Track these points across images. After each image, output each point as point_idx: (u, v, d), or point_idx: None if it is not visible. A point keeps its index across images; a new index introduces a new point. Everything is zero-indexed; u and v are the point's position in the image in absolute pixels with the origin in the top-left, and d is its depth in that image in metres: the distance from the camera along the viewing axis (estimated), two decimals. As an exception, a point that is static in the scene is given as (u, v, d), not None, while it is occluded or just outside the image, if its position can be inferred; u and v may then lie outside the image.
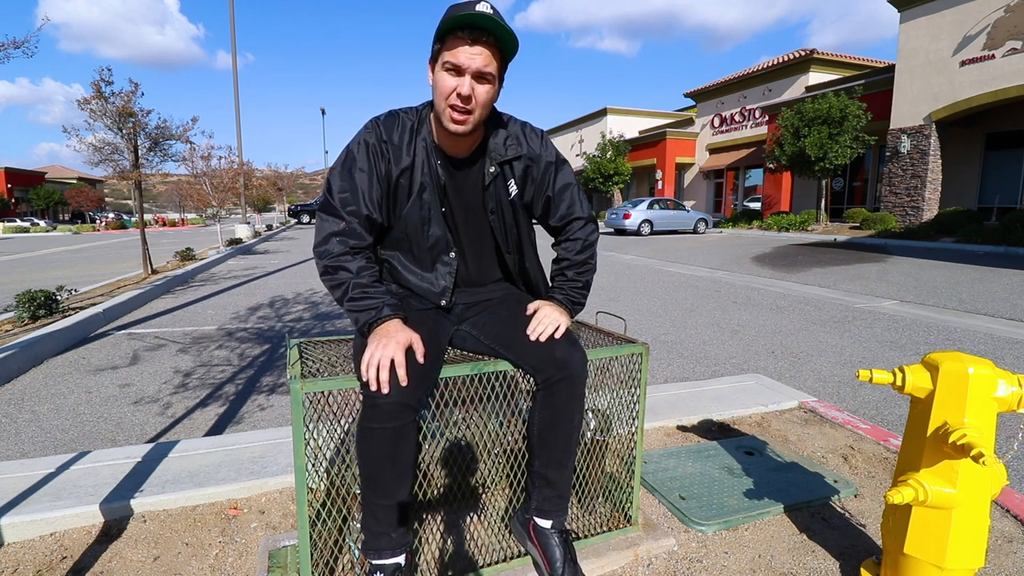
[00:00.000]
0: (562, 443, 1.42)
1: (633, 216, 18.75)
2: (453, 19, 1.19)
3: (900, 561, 1.34)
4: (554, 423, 1.39)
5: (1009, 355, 4.07)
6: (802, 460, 2.19)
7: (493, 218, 1.44)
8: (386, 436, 1.22)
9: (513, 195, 1.44)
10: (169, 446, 2.25)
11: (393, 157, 1.36)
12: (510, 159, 1.41)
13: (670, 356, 4.14)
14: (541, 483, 1.44)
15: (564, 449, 1.42)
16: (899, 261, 9.92)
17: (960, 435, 1.16)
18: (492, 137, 1.41)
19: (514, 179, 1.43)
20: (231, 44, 17.60)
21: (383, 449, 1.23)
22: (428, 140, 1.38)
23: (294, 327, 5.13)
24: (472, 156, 1.41)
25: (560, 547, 1.41)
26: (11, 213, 41.00)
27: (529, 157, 1.44)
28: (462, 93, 1.23)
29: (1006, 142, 15.12)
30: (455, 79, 1.24)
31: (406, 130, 1.37)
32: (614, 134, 30.29)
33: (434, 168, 1.38)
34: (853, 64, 21.86)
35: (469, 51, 1.21)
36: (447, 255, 1.46)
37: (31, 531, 1.72)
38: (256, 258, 12.22)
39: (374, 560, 1.30)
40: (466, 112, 1.26)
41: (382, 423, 1.20)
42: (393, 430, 1.21)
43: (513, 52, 1.29)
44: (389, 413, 1.20)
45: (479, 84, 1.25)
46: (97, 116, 7.55)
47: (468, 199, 1.44)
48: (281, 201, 37.85)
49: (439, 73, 1.26)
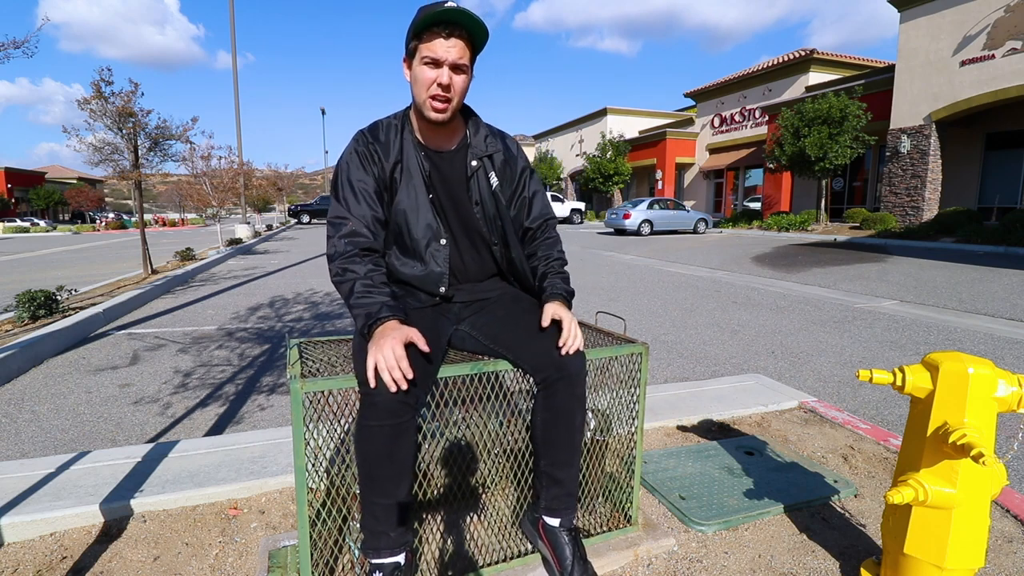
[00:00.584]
0: (565, 442, 1.43)
1: (633, 216, 18.75)
2: (429, 16, 1.29)
3: (900, 561, 1.34)
4: (556, 423, 1.40)
5: (1009, 355, 4.08)
6: (802, 460, 2.19)
7: (477, 209, 1.51)
8: (384, 434, 1.22)
9: (495, 187, 1.52)
10: (169, 446, 2.25)
11: (383, 155, 1.44)
12: (490, 153, 1.52)
13: (670, 356, 4.14)
14: (548, 482, 1.45)
15: (568, 448, 1.44)
16: (899, 261, 9.92)
17: (960, 435, 1.16)
18: (472, 135, 1.52)
19: (494, 171, 1.53)
20: (231, 44, 17.60)
21: (382, 447, 1.23)
22: (412, 137, 1.47)
23: (294, 327, 5.13)
24: (454, 151, 1.51)
25: (570, 545, 1.42)
26: (11, 213, 41.00)
27: (505, 156, 1.55)
28: (442, 83, 1.34)
29: (1006, 142, 15.12)
30: (434, 71, 1.34)
31: (391, 130, 1.47)
32: (614, 134, 30.31)
33: (420, 161, 1.47)
34: (853, 64, 21.87)
35: (445, 44, 1.32)
36: (438, 242, 1.49)
37: (31, 531, 1.72)
38: (256, 258, 12.22)
39: (373, 559, 1.30)
40: (446, 100, 1.37)
41: (380, 420, 1.21)
42: (392, 427, 1.22)
43: (483, 43, 1.39)
44: (388, 410, 1.20)
45: (456, 75, 1.35)
46: (97, 116, 7.54)
47: (453, 190, 1.51)
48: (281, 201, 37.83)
49: (418, 67, 1.35)
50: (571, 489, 1.47)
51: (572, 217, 27.73)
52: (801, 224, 17.60)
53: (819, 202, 17.70)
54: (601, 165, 28.75)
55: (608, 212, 20.27)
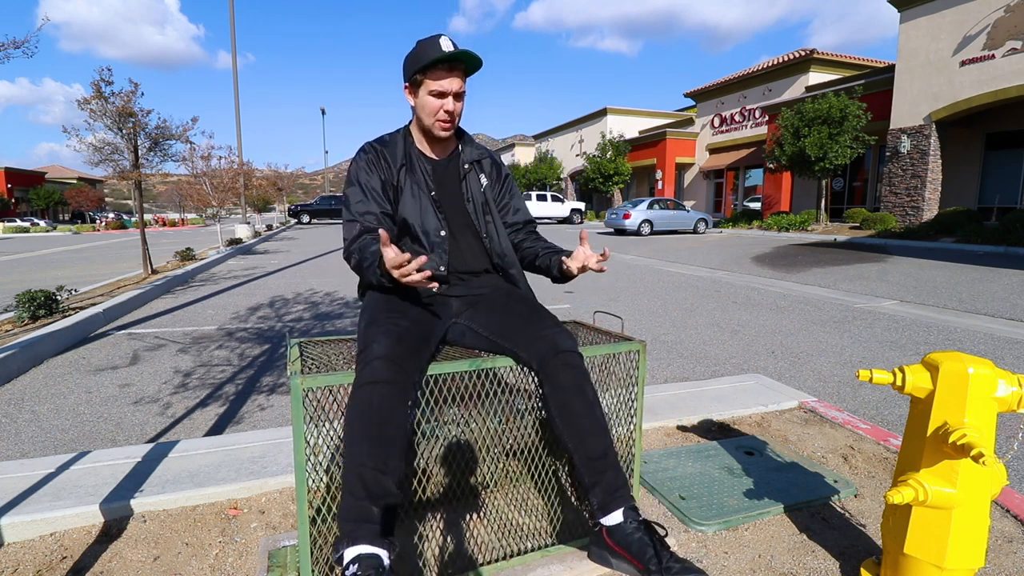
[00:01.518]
0: (586, 417, 1.37)
1: (633, 216, 18.75)
2: (436, 59, 1.49)
3: (900, 561, 1.34)
4: (570, 401, 1.38)
5: (1009, 355, 4.08)
6: (802, 460, 2.19)
7: (470, 206, 1.69)
8: (379, 393, 1.23)
9: (484, 186, 1.73)
10: (169, 446, 2.25)
11: (391, 159, 1.63)
12: (479, 159, 1.76)
13: (670, 356, 4.14)
14: (589, 474, 1.37)
15: (591, 422, 1.37)
16: (899, 261, 9.92)
17: (960, 435, 1.16)
18: (464, 147, 1.76)
19: (484, 174, 1.75)
20: (231, 44, 17.60)
21: (374, 406, 1.22)
22: (414, 148, 1.68)
23: (294, 327, 5.13)
24: (448, 159, 1.73)
25: (644, 535, 1.30)
26: (11, 213, 40.99)
27: (492, 160, 1.80)
28: (448, 110, 1.58)
29: (1006, 142, 15.12)
30: (440, 100, 1.57)
31: (396, 140, 1.68)
32: (614, 134, 30.31)
33: (422, 166, 1.67)
34: (853, 64, 21.86)
35: (448, 79, 1.54)
36: (438, 235, 1.64)
37: (31, 531, 1.72)
38: (256, 258, 12.22)
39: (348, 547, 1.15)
40: (450, 121, 1.61)
41: (375, 378, 1.24)
42: (387, 387, 1.23)
43: (475, 71, 1.62)
44: (384, 370, 1.24)
45: (457, 101, 1.59)
46: (97, 116, 7.54)
47: (449, 191, 1.70)
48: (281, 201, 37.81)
49: (425, 97, 1.57)
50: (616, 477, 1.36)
51: (572, 217, 27.71)
52: (801, 224, 17.59)
53: (819, 202, 17.70)
54: (601, 165, 28.74)
55: (608, 212, 20.27)
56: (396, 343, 1.30)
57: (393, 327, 1.35)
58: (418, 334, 1.39)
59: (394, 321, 1.38)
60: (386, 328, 1.34)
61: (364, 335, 1.36)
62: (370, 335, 1.33)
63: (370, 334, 1.34)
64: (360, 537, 1.17)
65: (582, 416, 1.38)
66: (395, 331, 1.34)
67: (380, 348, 1.28)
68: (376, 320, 1.39)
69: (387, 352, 1.27)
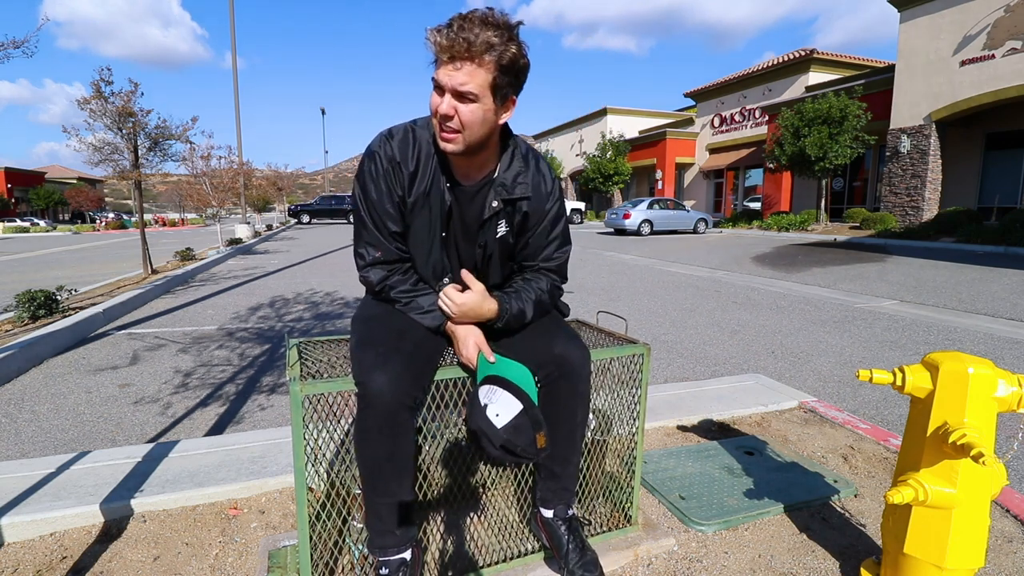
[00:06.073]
0: (565, 439, 1.44)
1: (633, 216, 18.75)
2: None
3: (900, 561, 1.34)
4: (556, 420, 1.40)
5: (1009, 355, 4.07)
6: (802, 460, 2.19)
7: (479, 252, 1.44)
8: (383, 435, 1.23)
9: (501, 234, 1.42)
10: (169, 446, 2.25)
11: (407, 180, 1.33)
12: (514, 199, 1.38)
13: (670, 356, 4.14)
14: (546, 476, 1.49)
15: (567, 445, 1.45)
16: (899, 261, 9.92)
17: (960, 435, 1.16)
18: (503, 170, 1.37)
19: (505, 220, 1.40)
20: (231, 44, 17.59)
21: (381, 448, 1.24)
22: (437, 161, 1.34)
23: (294, 327, 5.13)
24: (478, 186, 1.38)
25: (566, 533, 1.45)
26: (11, 213, 40.97)
27: (529, 207, 1.40)
28: (441, 111, 1.19)
29: (1006, 142, 15.12)
30: (441, 97, 1.20)
31: (421, 151, 1.33)
32: (614, 134, 30.29)
33: (443, 195, 1.35)
34: (853, 64, 21.86)
35: (447, 68, 1.16)
36: (440, 281, 1.44)
37: (31, 531, 1.72)
38: (256, 258, 12.21)
39: (380, 557, 1.33)
40: (453, 131, 1.22)
41: (378, 421, 1.22)
42: (390, 428, 1.22)
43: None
44: (385, 412, 1.21)
45: (460, 103, 1.18)
46: (97, 116, 7.54)
47: (467, 227, 1.42)
48: (281, 201, 37.79)
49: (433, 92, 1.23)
50: (567, 484, 1.50)
51: (572, 217, 27.73)
52: (801, 224, 17.59)
53: (819, 202, 17.70)
54: (601, 165, 28.74)
55: (608, 212, 20.26)
56: (397, 377, 1.20)
57: (393, 352, 1.25)
58: (421, 357, 1.30)
59: (394, 345, 1.28)
60: (385, 354, 1.24)
61: (360, 360, 1.25)
62: (366, 361, 1.23)
63: (366, 360, 1.23)
64: (387, 548, 1.32)
65: (561, 438, 1.43)
66: (396, 358, 1.24)
67: (380, 381, 1.19)
68: (374, 341, 1.29)
69: (388, 387, 1.19)
